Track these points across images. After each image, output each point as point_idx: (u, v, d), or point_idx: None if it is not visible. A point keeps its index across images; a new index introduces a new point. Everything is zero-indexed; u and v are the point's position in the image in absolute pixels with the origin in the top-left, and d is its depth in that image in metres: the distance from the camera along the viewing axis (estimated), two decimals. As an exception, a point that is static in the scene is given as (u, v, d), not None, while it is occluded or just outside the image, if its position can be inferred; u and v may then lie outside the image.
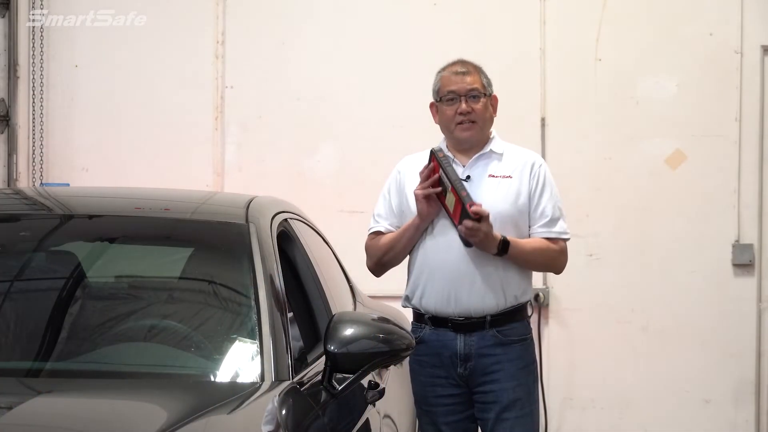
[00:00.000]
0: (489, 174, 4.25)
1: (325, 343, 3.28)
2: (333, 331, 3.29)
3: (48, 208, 4.09)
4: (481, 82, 4.30)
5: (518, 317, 4.23)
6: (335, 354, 3.26)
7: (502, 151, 4.30)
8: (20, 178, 6.85)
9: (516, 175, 4.25)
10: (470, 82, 4.28)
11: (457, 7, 6.73)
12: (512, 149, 4.34)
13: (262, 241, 3.60)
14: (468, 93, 4.26)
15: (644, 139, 6.64)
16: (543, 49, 6.67)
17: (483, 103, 4.27)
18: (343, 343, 3.27)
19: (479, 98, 4.26)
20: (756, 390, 6.66)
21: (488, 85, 4.32)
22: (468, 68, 4.33)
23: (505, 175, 4.24)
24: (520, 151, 4.35)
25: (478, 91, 4.26)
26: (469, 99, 4.26)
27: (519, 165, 4.27)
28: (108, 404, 3.02)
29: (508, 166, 4.27)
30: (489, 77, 4.36)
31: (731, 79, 6.59)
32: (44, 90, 6.87)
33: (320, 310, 3.98)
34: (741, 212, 6.60)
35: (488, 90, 4.31)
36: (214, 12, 6.82)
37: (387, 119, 6.74)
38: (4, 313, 3.50)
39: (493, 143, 4.32)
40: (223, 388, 3.18)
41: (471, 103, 4.25)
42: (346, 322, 3.34)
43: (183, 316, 3.53)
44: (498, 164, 4.27)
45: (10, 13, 6.84)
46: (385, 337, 3.36)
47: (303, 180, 6.73)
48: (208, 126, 6.82)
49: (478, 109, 4.25)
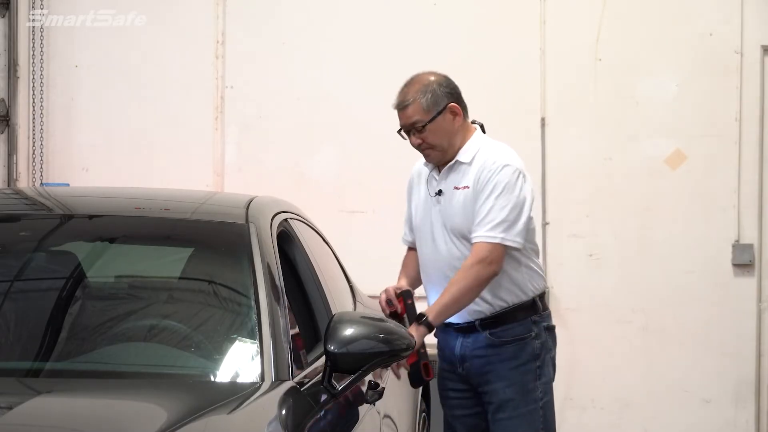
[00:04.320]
0: (454, 186, 4.20)
1: (325, 343, 3.28)
2: (333, 331, 3.29)
3: (48, 208, 4.10)
4: (421, 108, 4.15)
5: (513, 318, 4.18)
6: (335, 354, 3.26)
7: (471, 159, 4.19)
8: (20, 178, 6.85)
9: (473, 183, 4.16)
10: (410, 114, 4.17)
11: (457, 7, 6.73)
12: (481, 154, 4.20)
13: (262, 241, 3.60)
14: (411, 127, 4.19)
15: (644, 139, 6.64)
16: (543, 49, 6.67)
17: (430, 129, 4.15)
18: (343, 343, 3.27)
19: (424, 127, 4.16)
20: (756, 390, 6.66)
21: (433, 105, 4.15)
22: (406, 98, 4.20)
23: (465, 185, 4.17)
24: (486, 155, 4.20)
25: (419, 122, 4.15)
26: (414, 132, 4.19)
27: (477, 171, 4.17)
28: (108, 404, 3.02)
29: (471, 174, 4.17)
30: (438, 89, 4.17)
31: (731, 79, 6.59)
32: (44, 90, 6.87)
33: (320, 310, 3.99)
34: (741, 212, 6.60)
35: (433, 112, 4.15)
36: (214, 12, 6.82)
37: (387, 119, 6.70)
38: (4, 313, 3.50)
39: (462, 152, 4.21)
40: (223, 388, 3.18)
41: (418, 135, 4.18)
42: (346, 322, 3.34)
43: (183, 316, 3.53)
44: (461, 175, 4.19)
45: (10, 13, 6.84)
46: (385, 337, 3.36)
47: (303, 180, 6.73)
48: (208, 126, 6.82)
49: (427, 136, 4.16)
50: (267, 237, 3.67)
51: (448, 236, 4.18)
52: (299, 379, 3.29)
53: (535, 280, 4.27)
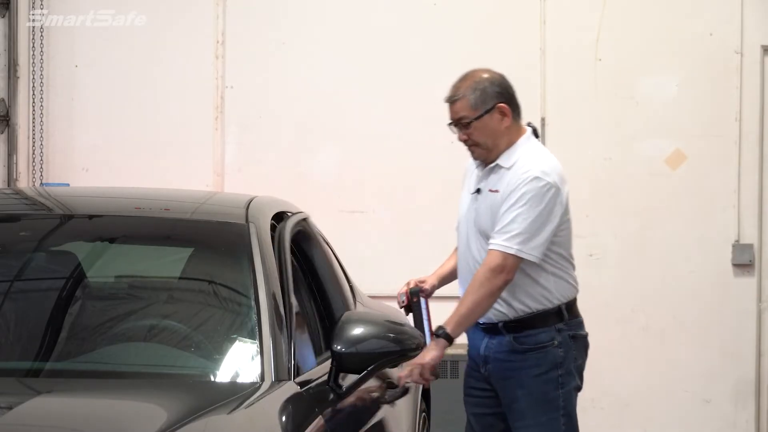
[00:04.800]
0: (489, 188, 4.21)
1: (332, 343, 3.28)
2: (340, 330, 3.29)
3: (48, 208, 4.09)
4: (469, 105, 4.15)
5: (537, 324, 4.15)
6: (341, 354, 3.26)
7: (511, 164, 4.19)
8: (20, 178, 6.85)
9: (503, 188, 4.16)
10: (458, 110, 4.18)
11: (457, 7, 6.73)
12: (524, 160, 4.19)
13: (262, 241, 3.60)
14: (458, 122, 4.20)
15: (644, 139, 6.65)
16: (543, 49, 6.67)
17: (475, 127, 4.16)
18: (350, 342, 3.27)
19: (470, 124, 4.16)
20: (756, 390, 6.66)
21: (481, 103, 4.15)
22: (456, 93, 4.20)
23: (496, 189, 4.17)
24: (525, 163, 4.19)
25: (465, 118, 4.16)
26: (460, 127, 4.20)
27: (510, 177, 4.17)
28: (108, 404, 3.02)
29: (504, 180, 4.17)
30: (490, 87, 4.18)
31: (731, 79, 6.59)
32: (44, 90, 6.87)
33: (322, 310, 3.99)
34: (741, 212, 6.60)
35: (481, 110, 4.15)
36: (214, 12, 6.82)
37: (387, 119, 6.75)
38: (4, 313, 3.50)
39: (504, 156, 4.21)
40: (223, 388, 3.18)
41: (463, 131, 4.20)
42: (354, 322, 3.34)
43: (183, 316, 3.53)
44: (498, 178, 4.19)
45: (10, 13, 6.84)
46: (395, 337, 3.37)
47: (303, 180, 6.73)
48: (208, 126, 6.82)
49: (472, 133, 4.17)
50: (267, 237, 3.66)
51: (477, 237, 4.19)
52: (303, 379, 3.29)
53: (562, 287, 4.23)
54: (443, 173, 6.62)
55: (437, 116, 6.68)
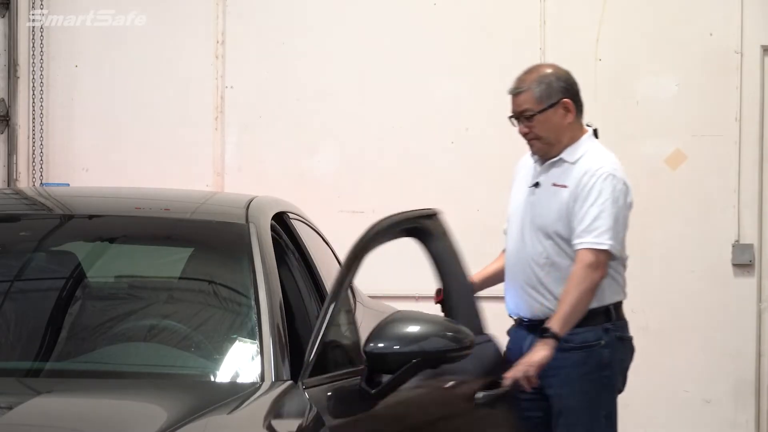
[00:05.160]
0: (553, 183, 4.19)
1: (372, 341, 3.27)
2: (389, 328, 3.29)
3: (48, 208, 4.09)
4: (534, 98, 4.16)
5: (584, 323, 4.11)
6: (375, 353, 3.25)
7: (576, 159, 4.19)
8: (20, 178, 6.85)
9: (572, 185, 4.15)
10: (521, 102, 4.18)
11: (457, 7, 6.73)
12: (590, 157, 4.20)
13: (262, 241, 3.60)
14: (520, 115, 4.19)
15: (644, 139, 6.64)
16: (543, 49, 6.67)
17: (538, 120, 4.16)
18: (408, 340, 3.27)
19: (533, 117, 4.16)
20: (756, 390, 6.66)
21: (546, 97, 4.17)
22: (521, 85, 4.21)
23: (564, 184, 4.15)
24: (593, 160, 4.20)
25: (529, 111, 4.16)
26: (522, 120, 4.19)
27: (581, 175, 4.16)
28: (108, 404, 3.02)
29: (573, 174, 4.16)
30: (555, 82, 4.20)
31: (731, 79, 6.59)
32: (44, 90, 6.87)
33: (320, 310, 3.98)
34: (741, 212, 6.60)
35: (545, 103, 4.16)
36: (214, 12, 6.82)
37: (387, 119, 6.74)
38: (4, 313, 3.50)
39: (568, 151, 4.21)
40: (223, 388, 3.18)
41: (525, 124, 4.18)
42: (404, 321, 3.34)
43: (183, 316, 3.53)
44: (562, 172, 4.18)
45: (10, 13, 6.84)
46: (454, 336, 3.37)
47: (303, 180, 6.73)
48: (208, 126, 6.82)
49: (534, 126, 4.17)
50: (267, 237, 3.66)
51: (534, 232, 4.17)
52: (319, 379, 3.28)
53: (613, 288, 4.22)
54: (443, 173, 6.63)
55: (437, 116, 6.73)
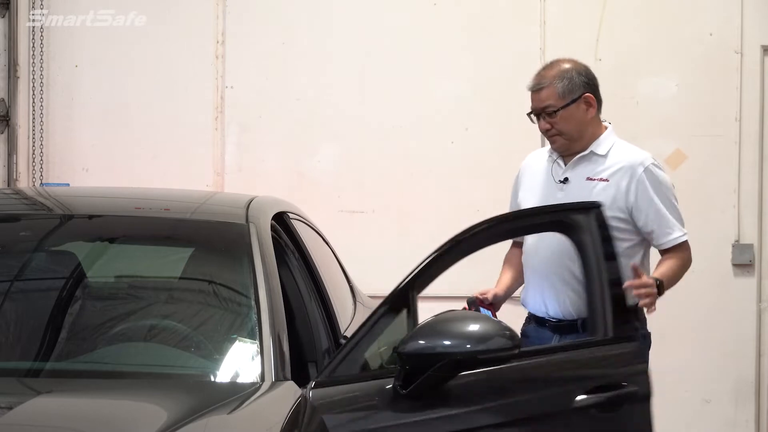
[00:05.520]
0: (587, 177, 4.16)
1: (411, 341, 3.23)
2: (448, 326, 3.25)
3: (48, 208, 4.10)
4: (556, 93, 4.16)
5: None
6: (407, 353, 3.20)
7: (606, 151, 4.19)
8: (20, 178, 6.84)
9: (615, 178, 4.14)
10: (543, 98, 4.17)
11: (457, 7, 6.73)
12: (620, 149, 4.21)
13: (262, 241, 3.60)
14: (542, 111, 4.18)
15: (644, 139, 6.62)
16: (543, 49, 6.67)
17: (561, 116, 4.15)
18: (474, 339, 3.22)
19: (555, 113, 4.15)
20: (756, 390, 6.66)
21: (569, 92, 4.17)
22: (542, 81, 4.20)
23: (602, 177, 4.15)
24: (627, 152, 4.21)
25: (551, 107, 4.15)
26: (544, 116, 4.17)
27: (620, 168, 4.16)
28: (108, 404, 3.02)
29: (608, 168, 4.16)
30: (577, 77, 4.21)
31: (731, 79, 6.59)
32: (44, 90, 6.87)
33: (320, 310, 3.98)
34: (741, 212, 6.60)
35: (568, 99, 4.17)
36: (214, 12, 6.82)
37: (387, 119, 6.74)
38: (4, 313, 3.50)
39: (597, 144, 4.21)
40: (223, 388, 3.18)
41: (547, 120, 4.17)
42: (449, 320, 3.29)
43: (183, 316, 3.53)
44: (598, 166, 4.17)
45: (10, 13, 6.83)
46: (511, 335, 3.29)
47: (303, 180, 6.72)
48: (208, 126, 6.81)
49: (557, 122, 4.16)
50: (267, 237, 3.67)
51: None
52: (328, 379, 3.27)
53: None
54: (444, 173, 6.62)
55: (437, 116, 6.72)
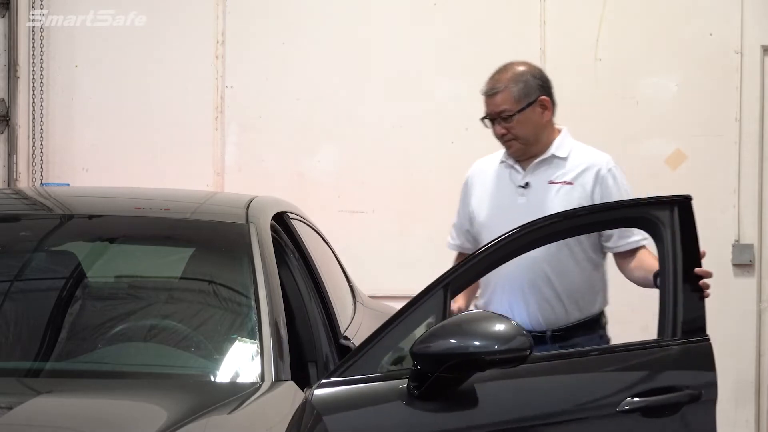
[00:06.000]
0: (549, 180, 4.12)
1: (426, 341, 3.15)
2: (470, 327, 3.15)
3: (48, 208, 4.09)
4: (512, 97, 4.09)
5: (582, 332, 4.07)
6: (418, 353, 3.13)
7: (567, 154, 4.15)
8: (20, 178, 6.85)
9: (579, 181, 4.10)
10: (499, 102, 4.10)
11: (457, 6, 6.73)
12: (580, 151, 4.18)
13: (262, 241, 3.60)
14: (497, 116, 4.11)
15: (644, 139, 6.64)
16: (543, 49, 6.67)
17: (517, 120, 4.08)
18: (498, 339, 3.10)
19: (511, 117, 4.09)
20: (756, 390, 6.66)
21: (524, 96, 4.09)
22: (497, 85, 4.12)
23: (565, 180, 4.11)
24: (587, 154, 4.18)
25: (507, 111, 4.09)
26: (499, 121, 4.11)
27: (582, 169, 4.12)
28: (108, 404, 3.01)
29: (570, 170, 4.12)
30: (532, 80, 4.14)
31: (731, 79, 6.59)
32: (44, 90, 6.87)
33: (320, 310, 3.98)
34: (741, 212, 6.60)
35: (523, 102, 4.09)
36: (214, 12, 6.82)
37: (387, 119, 6.74)
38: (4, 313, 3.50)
39: (557, 146, 4.17)
40: (223, 388, 3.18)
41: (503, 125, 4.10)
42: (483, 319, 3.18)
43: (183, 316, 3.53)
44: (559, 169, 4.12)
45: (10, 13, 6.84)
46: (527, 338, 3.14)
47: (303, 180, 6.73)
48: (208, 126, 6.82)
49: (513, 126, 4.09)
50: (267, 237, 3.66)
51: None
52: (340, 378, 3.26)
53: (606, 292, 4.18)
54: (443, 173, 6.62)
55: (437, 116, 6.73)
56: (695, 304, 3.68)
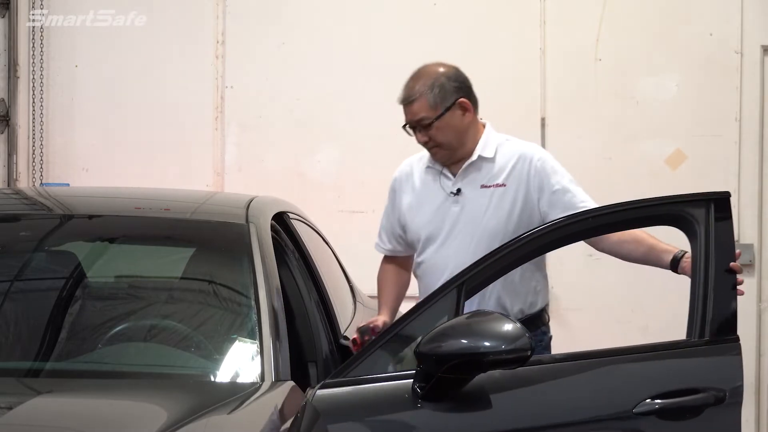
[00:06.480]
0: (481, 185, 3.98)
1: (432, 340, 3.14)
2: (480, 327, 3.14)
3: (48, 208, 4.10)
4: (428, 105, 3.92)
5: (529, 327, 3.84)
6: (422, 353, 3.13)
7: (493, 153, 3.99)
8: (20, 178, 6.85)
9: (510, 181, 3.96)
10: (416, 111, 3.94)
11: (457, 6, 6.73)
12: (506, 148, 4.01)
13: (262, 241, 3.60)
14: (417, 124, 3.97)
15: (644, 139, 6.64)
16: (543, 49, 6.67)
17: (437, 127, 3.93)
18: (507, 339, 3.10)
19: (431, 124, 3.95)
20: (756, 390, 6.66)
21: (441, 101, 3.93)
22: (411, 93, 3.95)
23: (497, 183, 3.97)
24: (514, 148, 4.00)
25: (426, 119, 3.93)
26: (420, 129, 3.97)
27: (512, 167, 3.97)
28: (108, 404, 3.02)
29: (500, 171, 3.98)
30: (447, 83, 3.96)
31: (731, 79, 6.59)
32: (44, 90, 6.88)
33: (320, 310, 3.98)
34: (741, 212, 6.60)
35: (441, 108, 3.93)
36: (214, 12, 6.82)
37: (387, 119, 6.71)
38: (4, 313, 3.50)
39: (482, 147, 4.00)
40: (223, 388, 3.18)
41: (424, 133, 3.97)
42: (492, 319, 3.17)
43: (183, 316, 3.53)
44: (489, 171, 3.98)
45: (10, 13, 6.84)
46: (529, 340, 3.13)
47: (303, 180, 6.73)
48: (208, 126, 6.82)
49: (434, 134, 3.95)
50: (267, 237, 3.66)
51: (475, 238, 3.94)
52: (340, 379, 3.26)
53: (547, 288, 4.12)
54: (443, 173, 6.61)
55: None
56: (727, 304, 3.53)
